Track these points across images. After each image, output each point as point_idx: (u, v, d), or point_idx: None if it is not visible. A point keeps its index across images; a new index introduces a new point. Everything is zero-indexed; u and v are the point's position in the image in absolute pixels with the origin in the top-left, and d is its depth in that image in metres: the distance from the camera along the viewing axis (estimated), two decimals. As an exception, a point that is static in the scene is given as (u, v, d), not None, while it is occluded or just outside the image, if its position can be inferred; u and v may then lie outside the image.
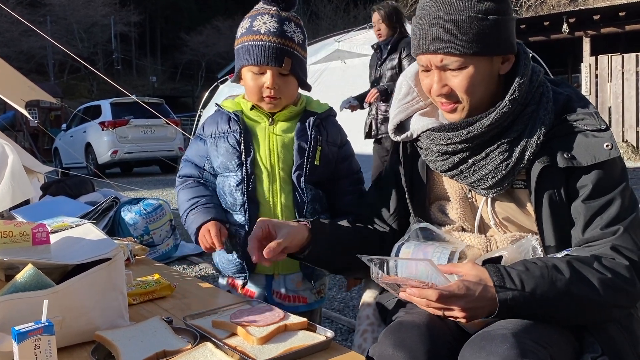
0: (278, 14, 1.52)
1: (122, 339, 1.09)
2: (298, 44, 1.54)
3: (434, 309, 1.10)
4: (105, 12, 31.79)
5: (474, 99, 1.21)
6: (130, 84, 30.78)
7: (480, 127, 1.20)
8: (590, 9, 11.40)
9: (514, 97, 1.18)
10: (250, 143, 1.56)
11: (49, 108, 18.52)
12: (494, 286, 1.07)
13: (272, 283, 1.61)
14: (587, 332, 1.13)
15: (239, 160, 1.55)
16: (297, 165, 1.55)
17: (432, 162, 1.31)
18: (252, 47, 1.50)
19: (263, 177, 1.55)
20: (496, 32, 1.17)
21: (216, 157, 1.59)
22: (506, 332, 1.02)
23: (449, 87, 1.20)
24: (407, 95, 1.36)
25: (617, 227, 1.13)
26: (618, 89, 10.30)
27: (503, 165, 1.20)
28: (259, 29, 1.50)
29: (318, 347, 1.08)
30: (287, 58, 1.50)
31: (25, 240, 1.25)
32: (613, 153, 1.14)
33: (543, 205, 1.18)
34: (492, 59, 1.19)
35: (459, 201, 1.31)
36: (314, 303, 1.66)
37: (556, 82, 1.29)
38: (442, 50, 1.16)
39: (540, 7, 18.10)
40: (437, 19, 1.16)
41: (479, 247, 1.27)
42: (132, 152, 11.99)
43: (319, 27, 25.42)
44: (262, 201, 1.55)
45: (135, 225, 4.26)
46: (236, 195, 1.56)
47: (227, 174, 1.58)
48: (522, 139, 1.19)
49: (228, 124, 1.58)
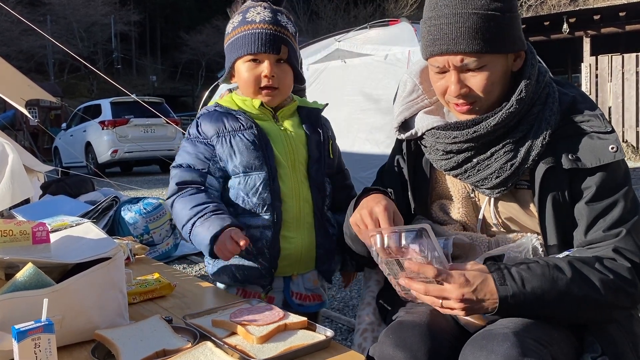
0: (270, 6, 1.52)
1: (122, 338, 1.09)
2: (292, 34, 1.53)
3: (431, 297, 1.09)
4: (105, 12, 31.77)
5: (491, 98, 1.20)
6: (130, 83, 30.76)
7: (487, 127, 1.19)
8: (591, 9, 11.40)
9: (521, 97, 1.18)
10: (267, 139, 1.51)
11: (49, 107, 18.51)
12: (495, 282, 1.07)
13: (289, 285, 1.57)
14: (587, 331, 1.13)
15: (262, 157, 1.48)
16: (316, 159, 1.56)
17: (436, 160, 1.30)
18: (247, 36, 1.47)
19: (284, 173, 1.52)
20: (511, 29, 1.17)
21: (233, 157, 1.48)
22: (507, 331, 1.02)
23: (468, 87, 1.18)
24: (412, 92, 1.36)
25: (619, 229, 1.14)
26: (618, 89, 10.31)
27: (508, 165, 1.19)
28: (254, 19, 1.48)
29: (318, 346, 1.08)
30: (283, 46, 1.48)
31: (25, 239, 1.24)
32: (618, 155, 1.14)
33: (546, 206, 1.18)
34: (507, 56, 1.19)
35: (461, 200, 1.31)
36: (326, 300, 1.67)
37: (561, 83, 1.29)
38: (464, 49, 1.14)
39: (541, 7, 18.11)
40: (456, 17, 1.13)
41: (481, 246, 1.27)
42: (132, 151, 11.99)
43: (319, 26, 25.43)
44: (285, 198, 1.51)
45: (135, 225, 4.26)
46: (263, 195, 1.48)
47: (249, 173, 1.48)
48: (527, 139, 1.19)
49: (238, 121, 1.50)
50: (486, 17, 1.13)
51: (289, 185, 1.52)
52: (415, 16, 23.48)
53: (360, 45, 6.55)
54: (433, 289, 1.08)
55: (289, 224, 1.52)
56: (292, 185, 1.53)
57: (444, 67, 1.18)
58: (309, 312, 1.54)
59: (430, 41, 1.18)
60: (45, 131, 15.24)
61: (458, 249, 1.27)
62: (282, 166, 1.51)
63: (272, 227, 1.49)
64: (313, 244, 1.56)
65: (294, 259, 1.54)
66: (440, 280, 1.06)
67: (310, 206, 1.55)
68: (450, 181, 1.32)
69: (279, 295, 1.56)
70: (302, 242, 1.54)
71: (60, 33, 27.94)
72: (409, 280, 1.10)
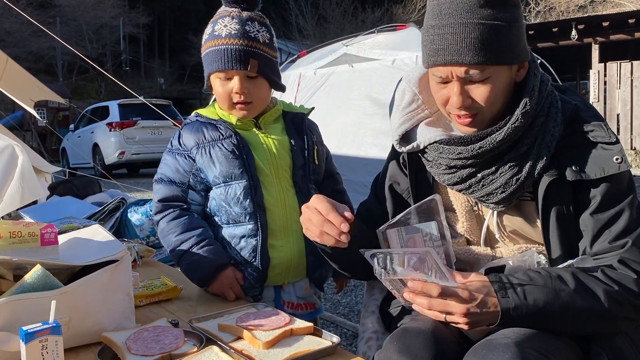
0: (239, 15, 1.46)
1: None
2: (264, 44, 1.47)
3: (435, 312, 1.09)
4: (114, 14, 31.95)
5: (494, 110, 1.17)
6: (138, 85, 30.89)
7: (492, 142, 1.16)
8: (600, 16, 11.37)
9: (526, 110, 1.15)
10: (247, 148, 1.51)
11: (57, 108, 18.61)
12: (496, 294, 1.06)
13: (280, 294, 1.58)
14: (593, 342, 1.12)
15: (242, 166, 1.48)
16: (300, 165, 1.54)
17: (439, 174, 1.26)
18: (215, 52, 1.45)
19: (267, 181, 1.52)
20: (517, 39, 1.14)
21: (212, 167, 1.49)
22: (508, 341, 1.02)
23: (471, 99, 1.15)
24: (412, 103, 1.31)
25: (625, 240, 1.12)
26: (627, 96, 10.26)
27: (513, 180, 1.17)
28: (220, 33, 1.45)
29: (324, 352, 1.08)
30: (252, 59, 1.44)
31: (33, 240, 1.25)
32: (623, 167, 1.12)
33: (550, 218, 1.16)
34: (511, 67, 1.16)
35: (464, 214, 1.28)
36: (321, 307, 1.66)
37: (562, 89, 1.27)
38: (469, 60, 1.10)
39: (549, 13, 18.06)
40: (461, 27, 1.09)
41: (484, 259, 1.25)
42: (139, 153, 12.05)
43: (327, 30, 25.44)
44: (270, 206, 1.51)
45: (141, 227, 4.27)
46: (244, 203, 1.49)
47: (229, 183, 1.49)
48: (531, 152, 1.17)
49: (217, 131, 1.51)
50: (492, 27, 1.09)
51: (273, 193, 1.52)
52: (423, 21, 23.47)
53: (368, 50, 6.55)
54: (437, 304, 1.07)
55: (275, 232, 1.52)
56: (277, 193, 1.52)
57: (447, 77, 1.15)
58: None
59: (433, 51, 1.14)
60: (53, 132, 15.34)
61: (461, 262, 1.26)
62: (264, 174, 1.51)
63: (257, 235, 1.49)
64: (303, 252, 1.55)
65: (284, 267, 1.53)
66: (444, 297, 1.06)
67: (297, 213, 1.51)
68: (453, 194, 1.29)
69: (270, 305, 1.54)
70: (291, 250, 1.53)
71: (69, 35, 28.12)
72: (413, 295, 1.09)
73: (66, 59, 30.95)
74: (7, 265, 1.18)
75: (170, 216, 1.51)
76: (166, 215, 1.52)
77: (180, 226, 1.49)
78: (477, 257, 1.26)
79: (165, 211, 1.52)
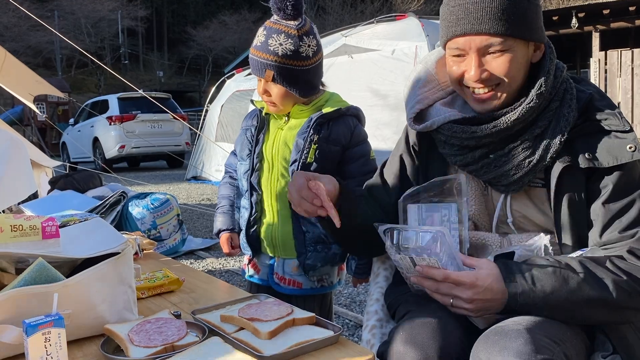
0: (269, 27, 1.62)
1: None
2: (284, 56, 1.59)
3: (441, 295, 1.09)
4: (112, 7, 31.85)
5: (512, 84, 1.17)
6: (137, 79, 30.85)
7: (507, 122, 1.16)
8: (600, 4, 11.29)
9: (541, 92, 1.15)
10: (261, 137, 1.75)
11: (56, 102, 18.58)
12: (504, 280, 1.06)
13: (274, 265, 1.78)
14: (599, 330, 1.12)
15: (249, 151, 1.76)
16: (293, 160, 1.67)
17: (451, 155, 1.26)
18: (250, 59, 1.69)
19: (264, 168, 1.74)
20: (535, 16, 1.15)
21: (238, 147, 1.84)
22: (520, 328, 1.02)
23: (488, 71, 1.15)
24: (428, 83, 1.32)
25: (635, 230, 1.12)
26: (627, 84, 10.22)
27: (525, 162, 1.17)
28: (255, 43, 1.66)
29: (326, 342, 1.08)
30: (267, 70, 1.62)
31: (35, 234, 1.25)
32: (636, 155, 1.11)
33: (562, 205, 1.16)
34: (528, 44, 1.17)
35: (474, 198, 1.27)
36: (309, 289, 1.75)
37: (577, 80, 1.27)
38: (489, 30, 1.11)
39: (549, 2, 17.97)
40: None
41: (493, 245, 1.26)
42: (140, 146, 12.04)
43: (326, 21, 25.35)
44: (263, 189, 1.75)
45: (142, 220, 4.28)
46: (243, 181, 1.79)
47: (242, 162, 1.80)
48: (545, 136, 1.17)
49: (251, 119, 1.80)
50: (512, 0, 1.11)
51: (265, 178, 1.74)
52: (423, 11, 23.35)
53: (367, 41, 6.53)
54: (444, 287, 1.07)
55: (265, 211, 1.77)
56: (269, 179, 1.73)
57: (465, 50, 1.15)
58: (284, 293, 1.73)
59: (452, 22, 1.15)
60: (53, 126, 15.33)
61: (470, 247, 1.26)
62: (264, 161, 1.74)
63: (250, 210, 1.78)
64: (290, 234, 1.72)
65: (270, 242, 1.77)
66: (450, 282, 1.06)
67: (285, 202, 1.69)
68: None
69: (264, 268, 1.82)
70: (276, 230, 1.75)
71: (67, 29, 28.05)
72: (421, 278, 1.09)
73: (65, 53, 30.89)
74: (8, 258, 1.18)
75: (223, 180, 2.00)
76: (223, 180, 2.00)
77: (220, 190, 1.99)
78: (485, 242, 1.26)
79: (224, 175, 2.00)
